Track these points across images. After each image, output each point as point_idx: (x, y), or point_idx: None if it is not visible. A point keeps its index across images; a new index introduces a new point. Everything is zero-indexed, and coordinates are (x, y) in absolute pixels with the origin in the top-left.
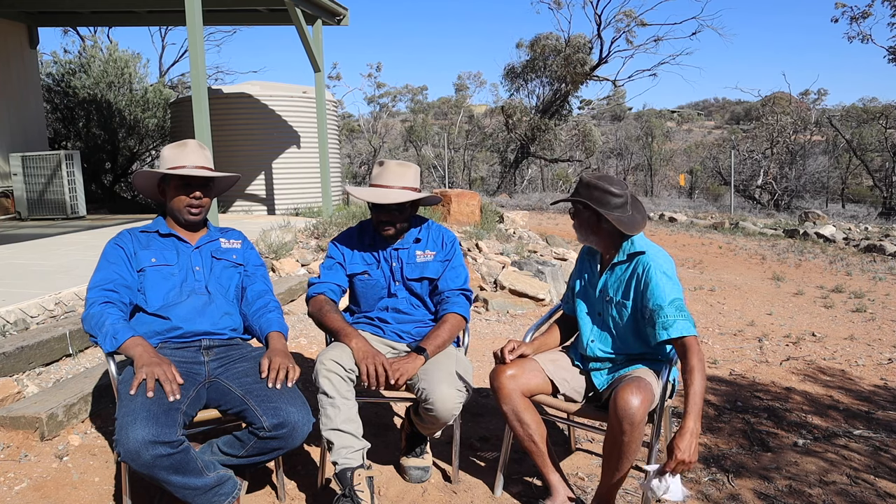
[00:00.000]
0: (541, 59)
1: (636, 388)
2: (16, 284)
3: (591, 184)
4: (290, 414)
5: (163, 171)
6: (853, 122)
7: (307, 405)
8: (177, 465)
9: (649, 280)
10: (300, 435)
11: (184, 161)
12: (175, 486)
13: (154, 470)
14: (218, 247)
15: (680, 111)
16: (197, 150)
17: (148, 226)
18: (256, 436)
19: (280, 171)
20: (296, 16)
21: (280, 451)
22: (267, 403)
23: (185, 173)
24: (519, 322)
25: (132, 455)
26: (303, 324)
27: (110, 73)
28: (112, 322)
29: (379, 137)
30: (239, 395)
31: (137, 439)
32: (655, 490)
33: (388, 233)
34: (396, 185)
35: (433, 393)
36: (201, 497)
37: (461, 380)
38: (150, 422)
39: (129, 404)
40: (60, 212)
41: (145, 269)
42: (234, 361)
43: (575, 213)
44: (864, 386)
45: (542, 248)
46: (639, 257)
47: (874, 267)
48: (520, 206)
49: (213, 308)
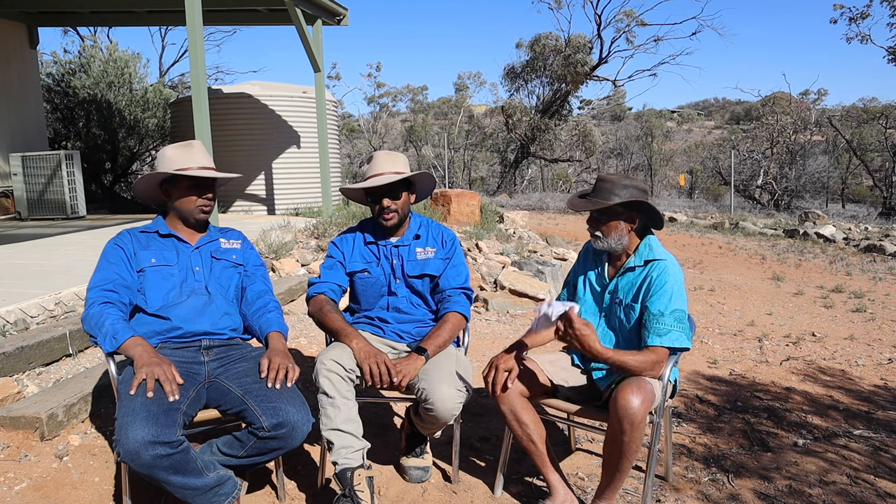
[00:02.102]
0: (541, 59)
1: (637, 388)
2: (16, 284)
3: (620, 183)
4: (289, 414)
5: (172, 171)
6: (853, 122)
7: (306, 405)
8: (176, 465)
9: (661, 285)
10: (299, 435)
11: (190, 162)
12: (175, 486)
13: (154, 470)
14: (218, 247)
15: (680, 111)
16: (202, 150)
17: (148, 226)
18: (256, 436)
19: (280, 171)
20: (296, 16)
21: (280, 452)
22: (266, 403)
23: (196, 174)
24: (519, 322)
25: (132, 455)
26: (303, 324)
27: (110, 73)
28: (112, 322)
29: (379, 137)
30: (238, 395)
31: (137, 439)
32: (541, 310)
33: (391, 221)
34: (388, 170)
35: (433, 393)
36: (201, 497)
37: (461, 380)
38: (149, 422)
39: (129, 404)
40: (60, 212)
41: (145, 270)
42: (233, 361)
43: (607, 217)
44: (864, 386)
45: (542, 248)
46: (654, 263)
47: (874, 267)
48: (520, 206)
49: (213, 308)
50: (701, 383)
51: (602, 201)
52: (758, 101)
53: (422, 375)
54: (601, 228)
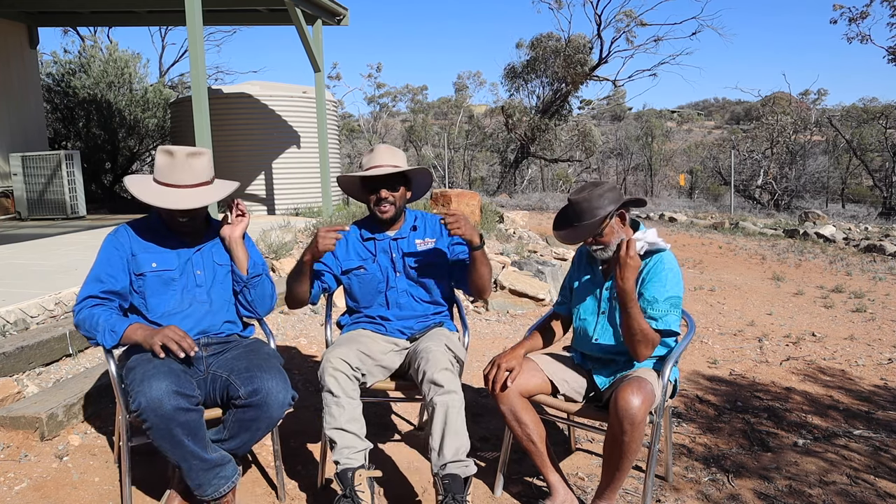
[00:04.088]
0: (541, 59)
1: (637, 388)
2: (16, 284)
3: (594, 195)
4: (264, 381)
5: (144, 200)
6: (853, 122)
7: (287, 379)
8: (192, 424)
9: (657, 273)
10: (275, 403)
11: (171, 177)
12: (186, 451)
13: (172, 424)
14: (219, 247)
15: (680, 111)
16: (184, 164)
17: (149, 223)
18: (235, 405)
19: (280, 171)
20: (296, 16)
21: (259, 424)
22: (245, 374)
23: (161, 205)
24: (519, 322)
25: (154, 404)
26: (303, 324)
27: (110, 73)
28: (105, 319)
29: (379, 137)
30: (224, 377)
31: (161, 388)
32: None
33: (387, 213)
34: (388, 163)
35: (426, 351)
36: (206, 474)
37: (450, 350)
38: (171, 376)
39: (146, 366)
40: (60, 212)
41: (145, 275)
42: (226, 352)
43: (599, 232)
44: (864, 386)
45: (542, 248)
46: (653, 254)
47: (874, 267)
48: (520, 206)
49: (215, 317)
50: (701, 383)
51: (594, 220)
52: (758, 101)
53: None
54: (601, 241)
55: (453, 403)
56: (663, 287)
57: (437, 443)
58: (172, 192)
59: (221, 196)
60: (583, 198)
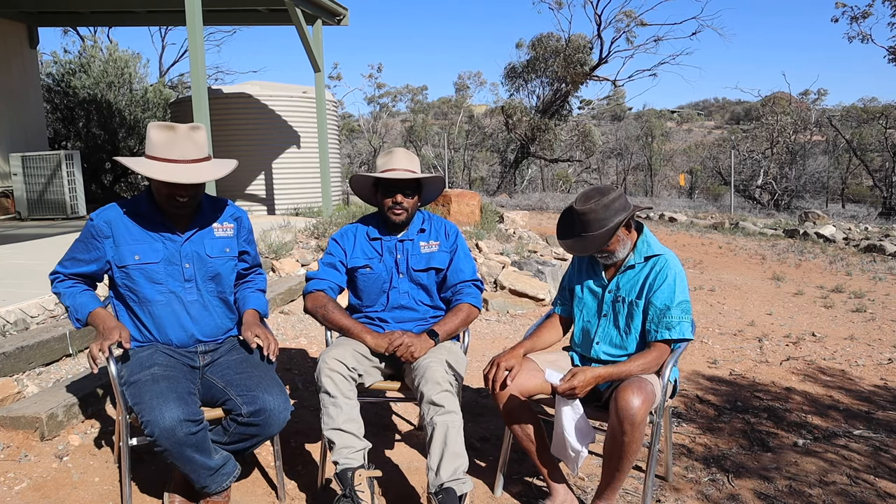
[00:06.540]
0: (541, 59)
1: (637, 389)
2: (16, 284)
3: (601, 205)
4: (266, 402)
5: (149, 175)
6: (853, 122)
7: (285, 393)
8: (199, 442)
9: (665, 279)
10: (277, 421)
11: (171, 152)
12: (196, 465)
13: (183, 447)
14: (212, 237)
15: (680, 111)
16: (186, 136)
17: (137, 207)
18: (237, 422)
19: (280, 171)
20: (296, 16)
21: (260, 437)
22: (246, 393)
23: (159, 177)
24: (519, 322)
25: (168, 433)
26: (303, 324)
27: (110, 73)
28: (71, 302)
29: (379, 137)
30: (221, 387)
31: (173, 417)
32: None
33: (400, 217)
34: (406, 167)
35: (426, 369)
36: (211, 477)
37: (451, 368)
38: (180, 402)
39: (153, 388)
40: (60, 212)
41: (128, 267)
42: (222, 357)
43: (609, 240)
44: (864, 386)
45: (542, 248)
46: (656, 258)
47: (874, 267)
48: (520, 206)
49: (212, 323)
50: (701, 383)
51: (602, 232)
52: (758, 101)
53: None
54: (607, 250)
55: (453, 424)
56: (673, 293)
57: (436, 462)
58: (181, 167)
59: (226, 171)
60: (590, 209)
